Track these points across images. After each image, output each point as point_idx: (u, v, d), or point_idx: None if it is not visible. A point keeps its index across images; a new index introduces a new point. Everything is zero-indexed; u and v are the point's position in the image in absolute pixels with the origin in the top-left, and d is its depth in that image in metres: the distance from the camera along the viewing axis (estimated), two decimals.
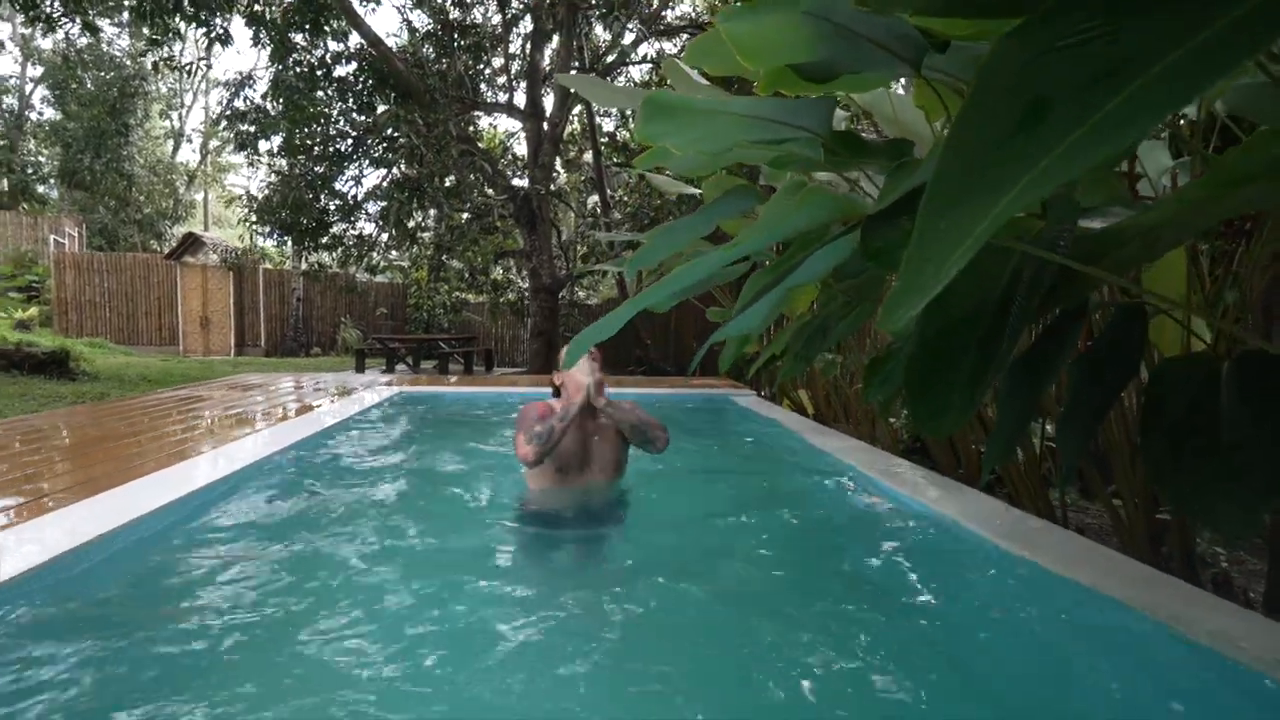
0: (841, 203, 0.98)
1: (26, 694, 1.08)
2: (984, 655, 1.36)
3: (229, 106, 8.92)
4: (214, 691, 1.12)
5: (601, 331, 1.02)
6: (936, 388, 1.07)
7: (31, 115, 20.42)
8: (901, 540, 2.01)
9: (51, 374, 6.29)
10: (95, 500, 1.96)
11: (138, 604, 1.45)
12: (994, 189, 0.46)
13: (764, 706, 1.18)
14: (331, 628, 1.35)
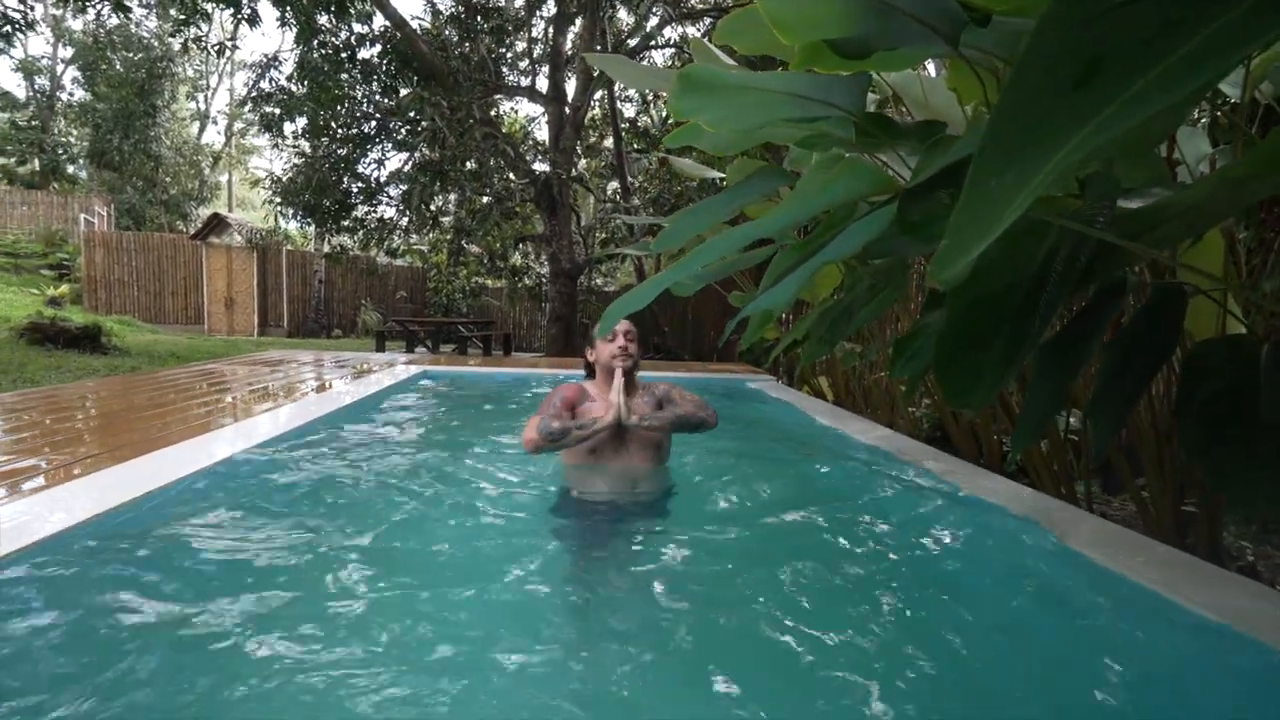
0: (878, 176, 0.98)
1: (57, 650, 1.13)
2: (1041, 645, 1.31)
3: (255, 88, 9.01)
4: (220, 657, 1.14)
5: (633, 302, 1.04)
6: (967, 363, 1.08)
7: (62, 96, 20.77)
8: (939, 525, 1.98)
9: (84, 348, 6.46)
10: (150, 457, 2.08)
11: (172, 557, 1.50)
12: (1048, 144, 0.46)
13: (806, 691, 1.14)
14: (339, 600, 1.35)
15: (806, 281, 1.27)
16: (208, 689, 1.04)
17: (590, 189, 11.33)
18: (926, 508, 2.11)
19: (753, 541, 1.88)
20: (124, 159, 18.00)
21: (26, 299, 11.63)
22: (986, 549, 1.73)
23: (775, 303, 1.22)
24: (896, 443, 2.90)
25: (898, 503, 2.19)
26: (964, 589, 1.53)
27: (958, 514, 1.98)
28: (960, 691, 1.15)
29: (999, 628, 1.36)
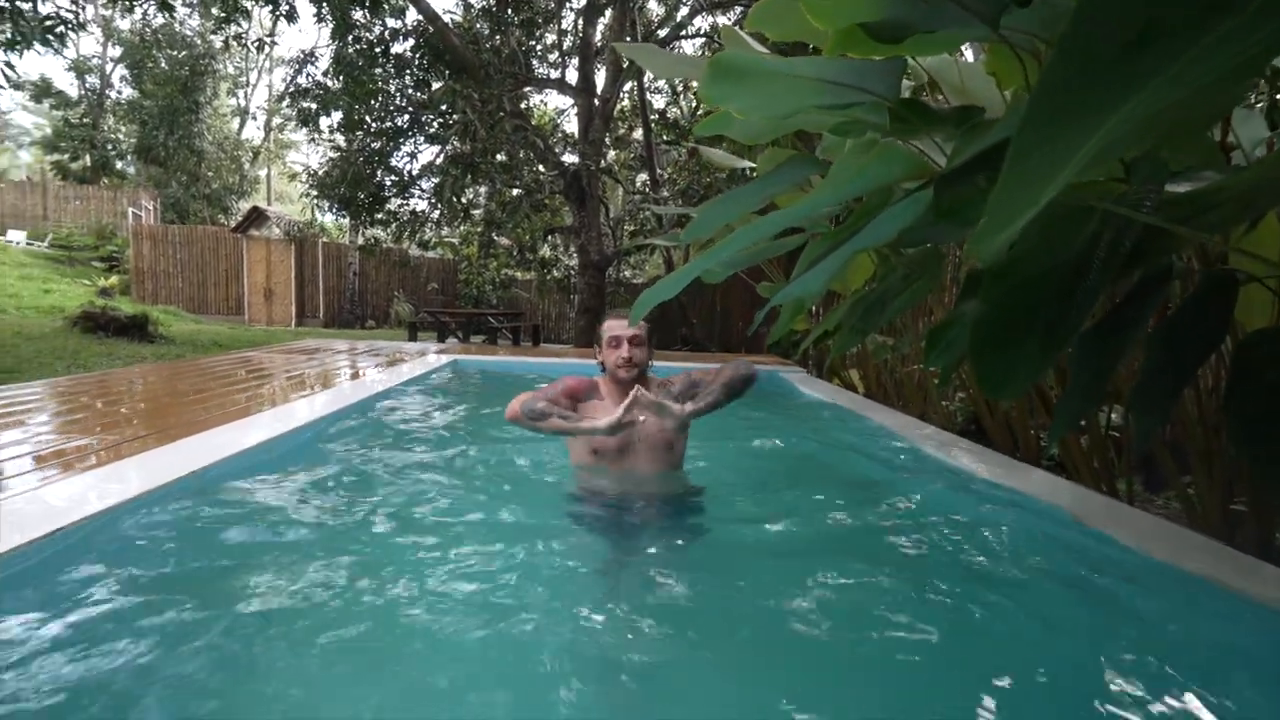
0: (913, 161, 0.96)
1: (108, 618, 1.18)
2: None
3: (292, 83, 9.21)
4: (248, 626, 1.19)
5: (663, 291, 1.04)
6: (1005, 350, 1.06)
7: (111, 94, 21.52)
8: (976, 519, 1.91)
9: (133, 336, 6.73)
10: (195, 438, 2.18)
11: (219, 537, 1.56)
12: (1096, 114, 0.45)
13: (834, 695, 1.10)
14: (347, 580, 1.36)
15: (839, 270, 1.26)
16: (238, 651, 1.09)
17: (619, 180, 11.32)
18: (963, 501, 2.06)
19: (777, 539, 1.80)
20: (169, 154, 18.60)
21: (79, 289, 12.13)
22: (1026, 543, 1.69)
23: (807, 291, 1.21)
24: (930, 435, 2.85)
25: (933, 497, 2.13)
26: (1003, 583, 1.49)
27: (995, 508, 1.94)
28: (1003, 687, 1.12)
29: (1042, 621, 1.32)
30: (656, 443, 2.02)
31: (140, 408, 2.95)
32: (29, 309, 9.52)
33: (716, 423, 2.93)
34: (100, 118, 21.01)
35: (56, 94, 21.31)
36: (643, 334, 2.02)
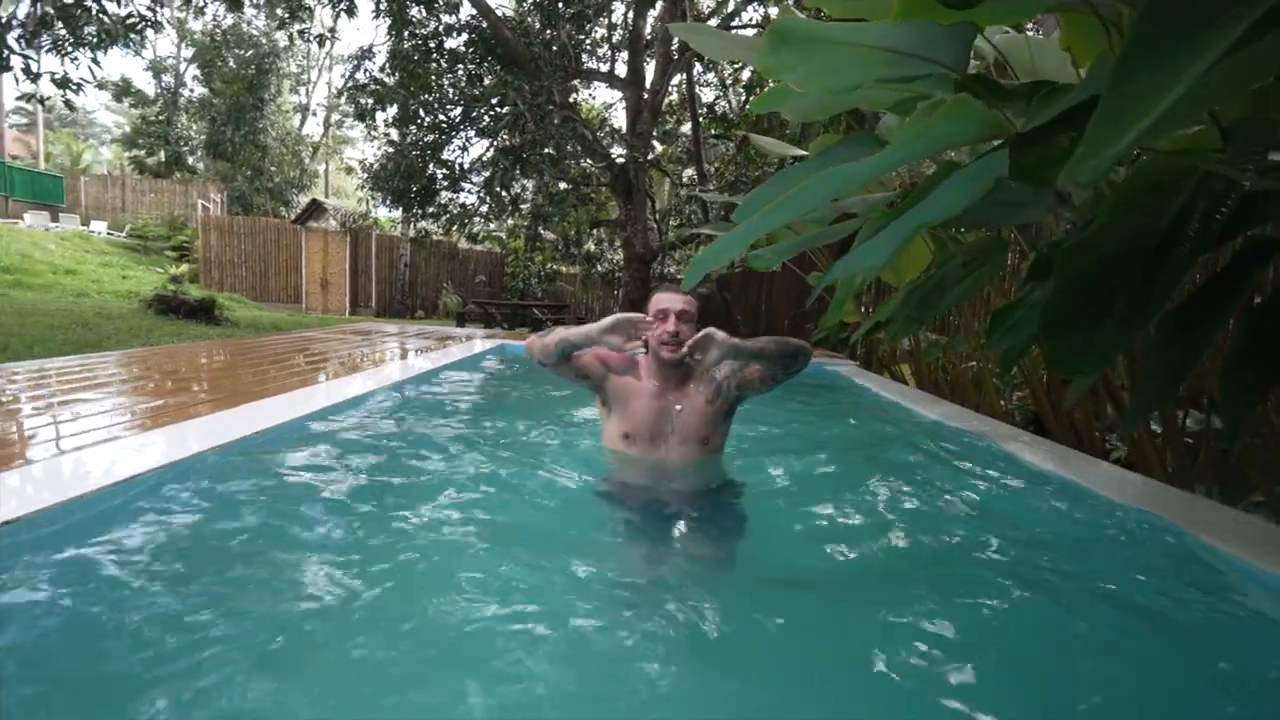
0: (986, 119, 0.91)
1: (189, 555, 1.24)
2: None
3: (351, 78, 9.52)
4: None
5: (722, 253, 1.02)
6: (1079, 325, 1.00)
7: (184, 92, 22.67)
8: (1045, 514, 1.81)
9: (201, 319, 7.10)
10: (256, 404, 2.28)
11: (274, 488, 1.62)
12: (1208, 35, 0.41)
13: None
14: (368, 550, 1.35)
15: (899, 246, 1.21)
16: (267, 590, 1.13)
17: (667, 173, 11.30)
18: (1029, 496, 1.95)
19: (824, 534, 1.67)
20: (235, 149, 19.49)
21: (153, 276, 12.84)
22: (1101, 538, 1.58)
23: (866, 266, 1.17)
24: (990, 428, 2.72)
25: (996, 493, 2.01)
26: (1076, 579, 1.39)
27: (1066, 502, 1.83)
28: (1077, 686, 1.04)
29: (1118, 620, 1.23)
30: (691, 433, 1.86)
31: (206, 377, 3.11)
32: (109, 293, 10.13)
33: (758, 412, 2.89)
34: (174, 115, 22.17)
35: (135, 93, 22.60)
36: (693, 310, 1.83)
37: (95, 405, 2.32)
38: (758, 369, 1.83)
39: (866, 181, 1.13)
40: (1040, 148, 0.89)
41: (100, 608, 1.06)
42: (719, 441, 1.93)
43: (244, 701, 0.85)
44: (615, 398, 1.89)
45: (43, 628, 1.00)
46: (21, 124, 26.85)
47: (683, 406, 1.85)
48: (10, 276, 9.30)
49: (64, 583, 1.10)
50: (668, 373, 1.85)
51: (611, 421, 1.92)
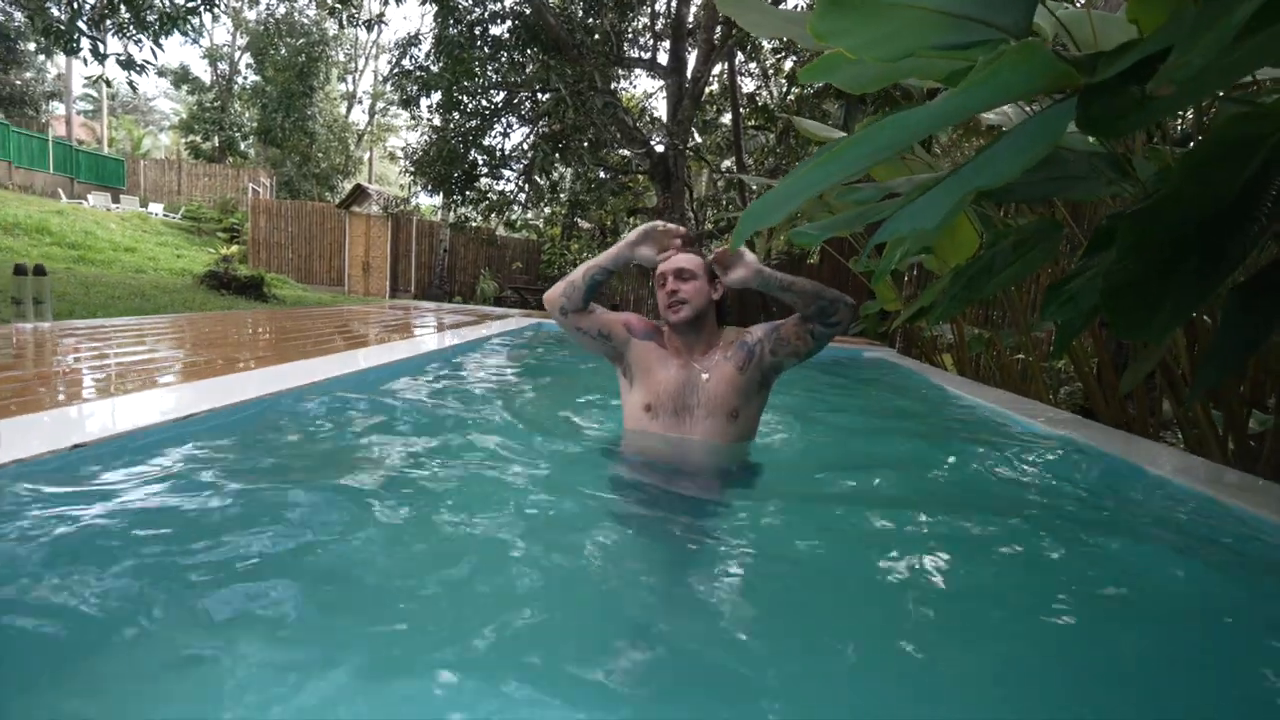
0: (1054, 66, 0.88)
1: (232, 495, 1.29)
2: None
3: (397, 64, 9.69)
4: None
5: (773, 208, 1.01)
6: (1145, 289, 0.96)
7: (238, 80, 23.41)
8: (1105, 501, 1.71)
9: (250, 295, 7.36)
10: (301, 363, 2.33)
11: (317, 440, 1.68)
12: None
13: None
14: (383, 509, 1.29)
15: (951, 210, 1.18)
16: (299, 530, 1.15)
17: (707, 161, 11.23)
18: (1091, 485, 1.85)
19: (860, 526, 1.46)
20: (285, 136, 20.05)
21: (204, 256, 13.34)
22: (1168, 523, 1.52)
23: (921, 223, 1.14)
24: (1040, 413, 2.63)
25: (1059, 486, 1.87)
26: (1141, 568, 1.30)
27: (1128, 487, 1.75)
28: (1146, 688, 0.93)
29: (1187, 608, 1.17)
30: (719, 404, 1.66)
31: (256, 339, 3.22)
32: (164, 269, 10.57)
33: (795, 403, 2.84)
34: (228, 102, 22.92)
35: (192, 80, 23.44)
36: (693, 267, 1.66)
37: (151, 356, 2.45)
38: (793, 326, 1.67)
39: (923, 132, 1.10)
40: (1111, 98, 0.85)
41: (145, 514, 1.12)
42: (750, 419, 1.73)
43: (289, 612, 0.89)
44: (637, 364, 1.73)
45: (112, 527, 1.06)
46: (87, 110, 28.10)
47: (710, 375, 1.67)
48: (75, 252, 9.78)
49: (119, 494, 1.21)
50: (692, 339, 1.69)
51: (633, 394, 1.74)
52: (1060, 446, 2.17)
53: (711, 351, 1.71)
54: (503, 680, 0.78)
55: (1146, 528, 1.51)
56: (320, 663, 0.78)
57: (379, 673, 0.78)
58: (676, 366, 1.70)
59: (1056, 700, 0.88)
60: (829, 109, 8.98)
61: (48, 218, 11.50)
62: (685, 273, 1.65)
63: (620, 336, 1.74)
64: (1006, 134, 1.00)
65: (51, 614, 0.83)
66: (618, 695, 0.79)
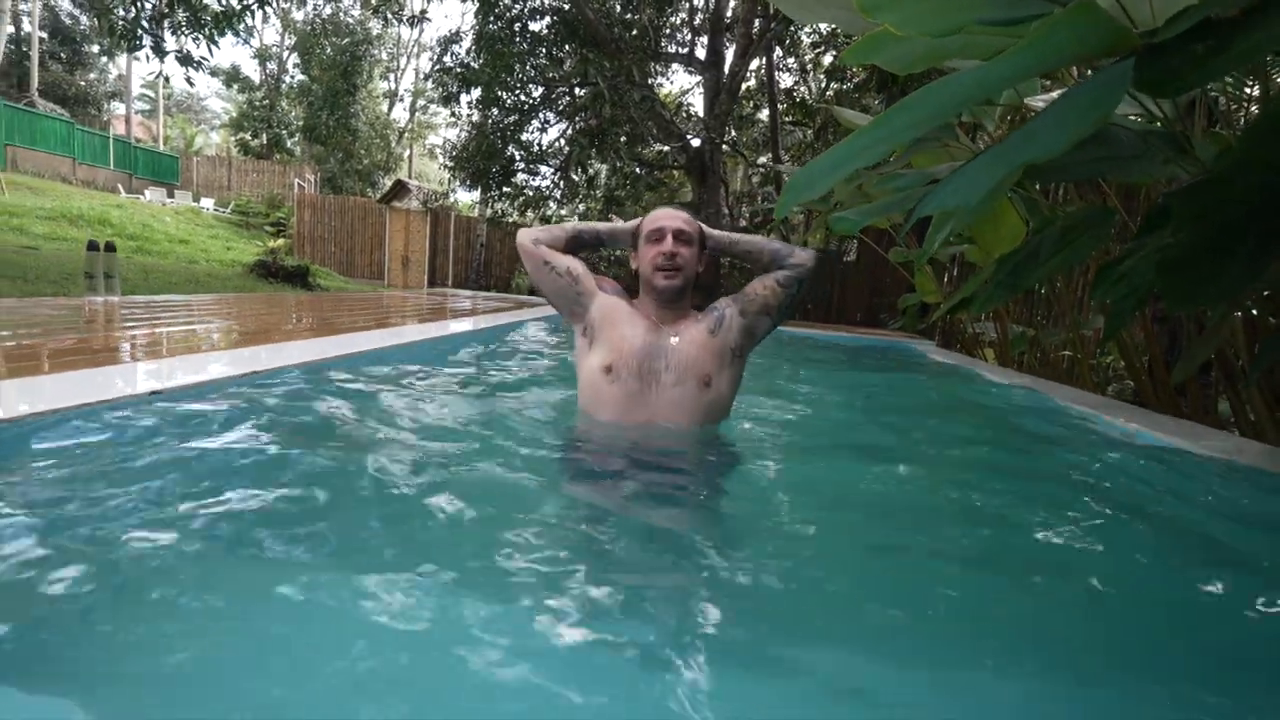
0: (1111, 28, 0.86)
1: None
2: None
3: (439, 61, 9.89)
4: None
5: (820, 175, 1.01)
6: (1204, 260, 0.94)
7: (285, 79, 24.17)
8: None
9: (295, 283, 7.62)
10: (348, 335, 2.43)
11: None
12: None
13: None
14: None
15: (997, 184, 1.16)
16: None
17: (743, 155, 11.16)
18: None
19: (859, 533, 1.21)
20: (329, 133, 20.63)
21: (252, 248, 13.80)
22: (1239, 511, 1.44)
23: (962, 200, 1.13)
24: (1089, 401, 2.52)
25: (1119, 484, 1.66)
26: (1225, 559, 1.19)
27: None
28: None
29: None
30: (690, 368, 1.46)
31: (299, 317, 3.35)
32: (215, 260, 10.99)
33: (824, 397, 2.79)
34: (276, 100, 23.68)
35: (242, 79, 24.31)
36: (692, 230, 1.52)
37: (212, 325, 2.59)
38: (756, 282, 1.58)
39: (973, 98, 1.08)
40: (1171, 58, 0.83)
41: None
42: (723, 392, 1.53)
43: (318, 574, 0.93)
44: (602, 319, 1.54)
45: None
46: (144, 109, 29.36)
47: (680, 338, 1.50)
48: (134, 243, 10.25)
49: (188, 433, 1.32)
50: (666, 311, 1.54)
51: (592, 355, 1.52)
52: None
53: (679, 322, 1.55)
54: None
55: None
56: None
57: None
58: (644, 328, 1.51)
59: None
60: (869, 103, 8.84)
61: (109, 210, 12.07)
62: (685, 235, 1.51)
63: (588, 285, 1.58)
64: (1054, 103, 0.99)
65: (136, 524, 0.94)
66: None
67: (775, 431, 1.89)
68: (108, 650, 0.70)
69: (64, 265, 6.32)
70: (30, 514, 0.93)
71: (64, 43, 23.56)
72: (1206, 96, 2.17)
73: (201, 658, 0.69)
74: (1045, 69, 1.05)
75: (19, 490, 1.03)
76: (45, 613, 0.73)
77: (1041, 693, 0.76)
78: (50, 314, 2.93)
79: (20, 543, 0.84)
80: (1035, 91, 2.23)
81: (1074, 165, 1.52)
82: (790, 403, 2.39)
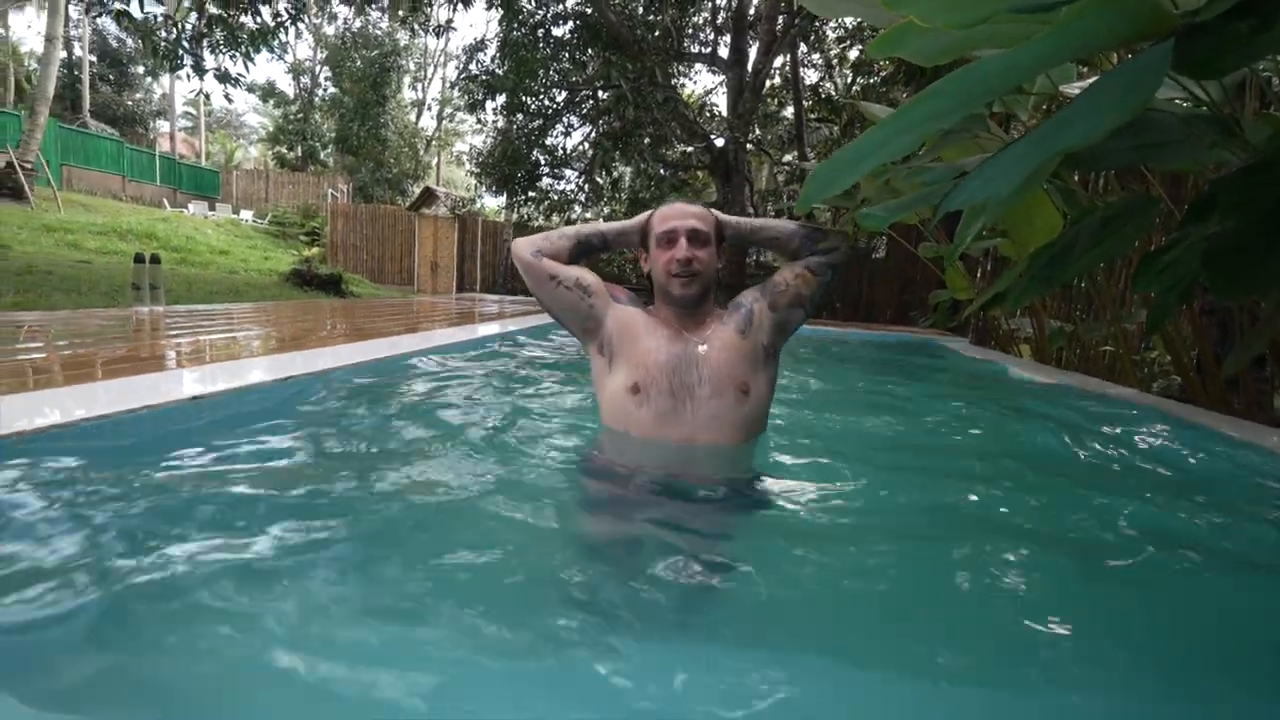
0: (1146, 8, 0.83)
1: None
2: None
3: (465, 69, 10.05)
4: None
5: (842, 169, 1.00)
6: (1248, 251, 0.89)
7: (318, 93, 24.85)
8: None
9: (329, 291, 7.82)
10: (383, 340, 2.48)
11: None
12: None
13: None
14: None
15: (1033, 173, 1.13)
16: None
17: (768, 153, 11.08)
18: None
19: (907, 553, 1.10)
20: (360, 143, 21.12)
21: (289, 257, 14.21)
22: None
23: (994, 190, 1.10)
24: (1134, 398, 2.44)
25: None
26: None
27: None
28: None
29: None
30: (726, 376, 1.31)
31: (334, 324, 3.43)
32: (254, 270, 11.34)
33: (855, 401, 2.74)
34: (310, 113, 24.35)
35: (278, 94, 25.08)
36: (708, 229, 1.36)
37: (252, 331, 2.68)
38: (786, 270, 1.44)
39: (1000, 86, 1.05)
40: (1212, 39, 0.80)
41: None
42: (762, 399, 1.38)
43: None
44: (620, 333, 1.38)
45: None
46: (187, 127, 30.46)
47: (708, 345, 1.34)
48: (178, 255, 10.64)
49: (225, 437, 1.35)
50: (687, 318, 1.38)
51: (614, 375, 1.37)
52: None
53: (704, 326, 1.39)
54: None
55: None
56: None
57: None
58: (667, 338, 1.35)
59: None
60: (896, 97, 8.69)
61: (154, 224, 12.56)
62: (700, 235, 1.35)
63: (601, 295, 1.41)
64: (1089, 89, 0.95)
65: (173, 519, 0.99)
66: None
67: (814, 444, 1.75)
68: (137, 655, 0.72)
69: (114, 278, 6.60)
70: (73, 516, 0.98)
71: (112, 65, 24.62)
72: (1258, 76, 2.08)
73: (224, 667, 0.70)
74: (1077, 55, 1.02)
75: (63, 492, 1.08)
76: (91, 609, 0.76)
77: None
78: (101, 324, 3.07)
79: (61, 542, 0.88)
80: (1071, 78, 2.16)
81: (1112, 153, 1.47)
82: (826, 412, 2.32)
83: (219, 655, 0.71)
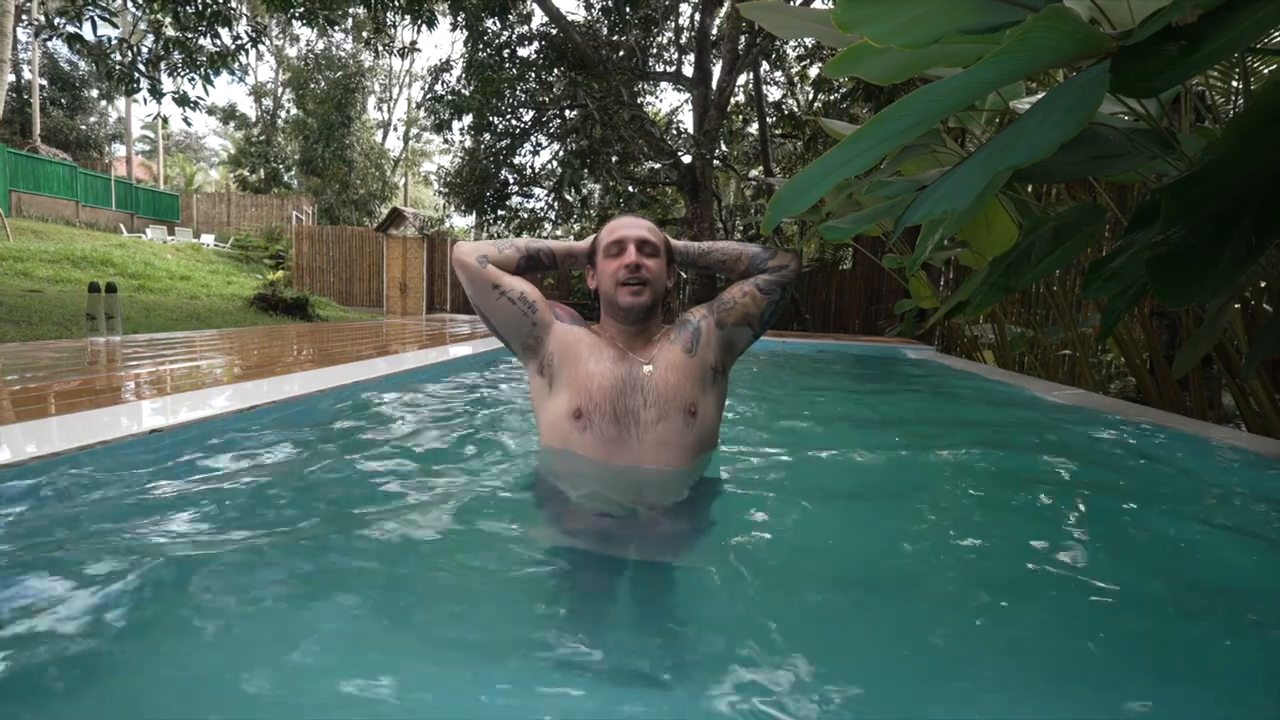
0: (1084, 33, 0.88)
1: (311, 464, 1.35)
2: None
3: (430, 89, 10.03)
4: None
5: (802, 190, 1.02)
6: (1193, 256, 0.94)
7: (281, 114, 24.53)
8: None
9: (295, 315, 7.66)
10: (347, 365, 2.43)
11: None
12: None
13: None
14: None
15: (985, 189, 1.17)
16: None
17: (735, 170, 11.26)
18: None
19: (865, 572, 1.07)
20: (325, 165, 20.88)
21: (253, 281, 13.89)
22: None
23: (951, 204, 1.14)
24: (1095, 401, 2.53)
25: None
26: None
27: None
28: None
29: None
30: (673, 398, 1.26)
31: (300, 349, 3.36)
32: (216, 295, 11.06)
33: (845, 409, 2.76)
34: (272, 136, 24.02)
35: (239, 117, 24.68)
36: (657, 241, 1.33)
37: (215, 360, 2.60)
38: (735, 287, 1.40)
39: (955, 104, 1.09)
40: (1145, 59, 0.85)
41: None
42: (710, 418, 1.34)
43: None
44: (562, 354, 1.32)
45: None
46: (145, 150, 29.75)
47: (654, 364, 1.29)
48: (136, 281, 10.32)
49: (186, 469, 1.26)
50: (632, 335, 1.34)
51: (554, 398, 1.31)
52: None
53: (650, 345, 1.35)
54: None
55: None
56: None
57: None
58: (612, 359, 1.30)
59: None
60: (857, 113, 8.94)
61: (111, 250, 12.18)
62: (649, 246, 1.32)
63: (544, 312, 1.36)
64: (1036, 106, 1.00)
65: (139, 554, 0.93)
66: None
67: (776, 460, 1.67)
68: (111, 686, 0.69)
69: (67, 307, 6.37)
70: (35, 554, 0.94)
71: (64, 89, 23.96)
72: (1192, 92, 2.19)
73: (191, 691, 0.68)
74: (1023, 74, 1.06)
75: (24, 531, 1.03)
76: (50, 651, 0.73)
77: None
78: (54, 356, 2.95)
79: (23, 584, 0.84)
80: (1020, 94, 2.26)
81: (1061, 167, 1.54)
82: (786, 421, 2.36)
83: (182, 688, 0.69)
